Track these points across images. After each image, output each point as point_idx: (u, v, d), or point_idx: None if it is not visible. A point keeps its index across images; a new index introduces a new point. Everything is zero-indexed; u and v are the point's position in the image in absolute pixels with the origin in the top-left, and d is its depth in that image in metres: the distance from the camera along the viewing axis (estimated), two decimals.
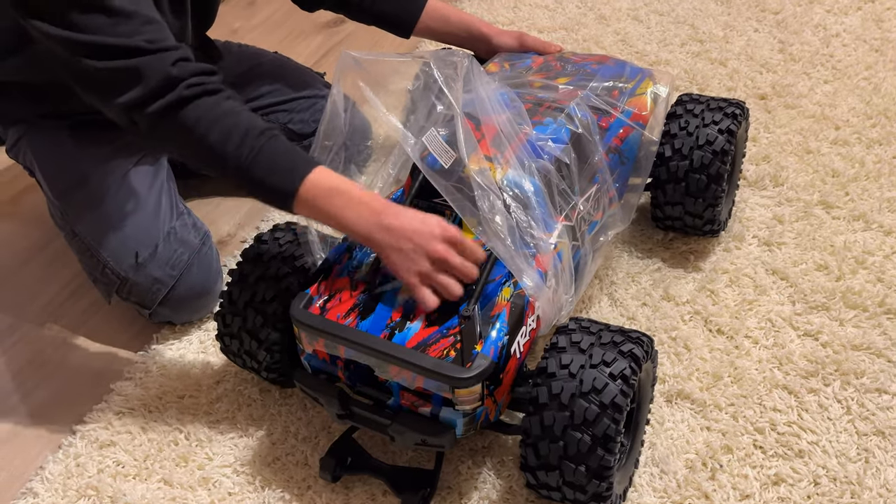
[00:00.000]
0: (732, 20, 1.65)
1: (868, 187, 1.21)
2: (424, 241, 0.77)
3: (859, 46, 1.54)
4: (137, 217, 1.06)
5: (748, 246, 1.13)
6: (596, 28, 1.67)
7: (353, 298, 0.81)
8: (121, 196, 1.07)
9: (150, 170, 1.11)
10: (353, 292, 0.82)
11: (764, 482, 0.85)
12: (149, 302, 1.04)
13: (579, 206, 0.89)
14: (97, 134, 1.10)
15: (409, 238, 0.77)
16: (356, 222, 0.79)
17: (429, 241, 0.77)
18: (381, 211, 0.79)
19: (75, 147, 1.09)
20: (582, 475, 0.74)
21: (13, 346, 1.09)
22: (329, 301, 0.81)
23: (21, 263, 1.23)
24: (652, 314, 1.04)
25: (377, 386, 0.81)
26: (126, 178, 1.08)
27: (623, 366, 0.75)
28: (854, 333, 0.99)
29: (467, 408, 0.76)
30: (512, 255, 0.78)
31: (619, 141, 0.99)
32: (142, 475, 0.91)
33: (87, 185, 1.07)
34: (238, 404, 0.97)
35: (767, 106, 1.40)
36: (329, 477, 0.85)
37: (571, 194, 0.88)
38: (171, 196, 1.10)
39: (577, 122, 0.92)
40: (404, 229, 0.78)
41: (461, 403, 0.76)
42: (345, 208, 0.79)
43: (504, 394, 0.79)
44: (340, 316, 0.79)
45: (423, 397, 0.78)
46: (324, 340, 0.80)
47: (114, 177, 1.08)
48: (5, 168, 1.39)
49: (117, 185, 1.07)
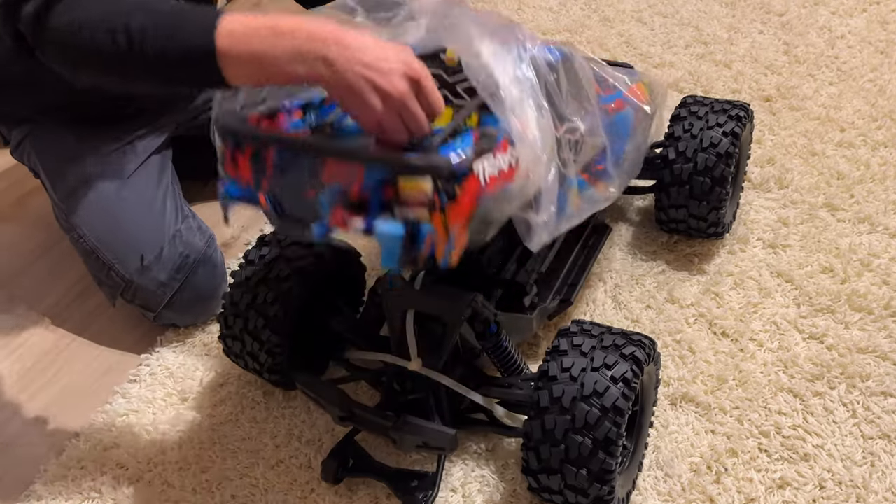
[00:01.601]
0: (737, 22, 1.65)
1: (873, 189, 1.20)
2: (381, 78, 0.64)
3: (864, 48, 1.53)
4: (142, 219, 1.06)
5: (753, 248, 1.13)
6: (600, 30, 1.66)
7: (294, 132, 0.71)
8: (126, 198, 1.07)
9: (156, 172, 1.11)
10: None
11: (769, 486, 0.85)
12: (154, 305, 1.04)
13: (564, 126, 0.81)
14: (102, 134, 1.10)
15: (361, 72, 0.64)
16: (292, 57, 0.64)
17: (387, 77, 0.65)
18: (326, 39, 0.65)
19: (80, 148, 1.09)
20: (584, 479, 0.74)
21: (18, 347, 1.09)
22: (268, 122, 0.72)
23: (26, 265, 1.23)
24: (656, 317, 1.04)
25: (303, 208, 0.68)
26: (131, 180, 1.08)
27: (624, 369, 0.75)
28: (859, 336, 0.99)
29: (410, 215, 0.63)
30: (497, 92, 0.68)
31: (612, 111, 0.95)
32: (145, 478, 0.91)
33: (91, 186, 1.07)
34: (241, 407, 0.97)
35: (772, 108, 1.39)
36: (331, 479, 0.85)
37: (558, 106, 0.80)
38: (176, 198, 1.10)
39: (571, 55, 0.86)
40: (356, 61, 0.64)
41: (403, 206, 0.63)
42: (275, 44, 0.65)
43: (458, 222, 0.65)
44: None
45: (358, 208, 0.65)
46: (251, 150, 0.69)
47: (119, 179, 1.08)
48: (10, 170, 1.40)
49: (122, 187, 1.08)
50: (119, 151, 1.10)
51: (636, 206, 1.22)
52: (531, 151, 0.71)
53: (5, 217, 1.33)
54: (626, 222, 1.19)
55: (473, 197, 0.67)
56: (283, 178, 0.69)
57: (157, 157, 1.14)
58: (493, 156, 0.69)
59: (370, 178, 0.64)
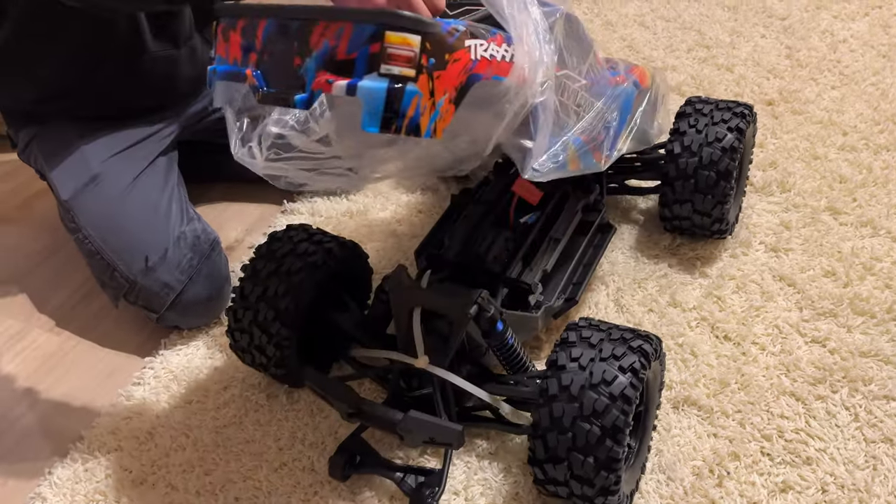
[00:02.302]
0: (739, 26, 1.65)
1: (876, 193, 1.21)
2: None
3: (867, 52, 1.53)
4: (148, 221, 1.06)
5: (755, 252, 1.13)
6: (602, 34, 1.67)
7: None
8: (131, 199, 1.07)
9: (161, 174, 1.12)
10: None
11: (771, 489, 0.85)
12: (157, 306, 1.05)
13: (563, 71, 0.81)
14: (108, 135, 1.11)
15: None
16: None
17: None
18: None
19: (86, 149, 1.10)
20: (590, 467, 0.74)
21: (23, 350, 1.10)
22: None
23: (31, 268, 1.23)
24: (658, 320, 1.04)
25: (288, 77, 0.66)
26: (137, 182, 1.09)
27: (633, 360, 0.75)
28: (862, 340, 0.99)
29: (395, 71, 0.61)
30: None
31: (614, 83, 0.95)
32: (149, 480, 0.91)
33: (97, 187, 1.08)
34: (245, 409, 0.98)
35: (774, 111, 1.40)
36: (339, 476, 0.85)
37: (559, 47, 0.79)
38: (181, 201, 1.11)
39: (575, 17, 0.86)
40: None
41: (389, 62, 0.62)
42: None
43: (445, 92, 0.64)
44: None
45: (343, 70, 0.63)
46: (242, 24, 0.68)
47: (124, 180, 1.09)
48: (16, 173, 1.40)
49: (128, 189, 1.08)
50: (125, 153, 1.11)
51: (639, 208, 1.23)
52: (528, 54, 0.70)
53: (11, 219, 1.34)
54: (629, 224, 1.20)
55: (463, 68, 0.65)
56: (272, 47, 0.67)
57: (164, 160, 1.14)
58: (487, 43, 0.67)
59: (358, 34, 0.62)
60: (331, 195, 1.30)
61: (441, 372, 0.83)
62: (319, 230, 0.96)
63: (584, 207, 1.07)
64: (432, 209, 1.26)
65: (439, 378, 0.83)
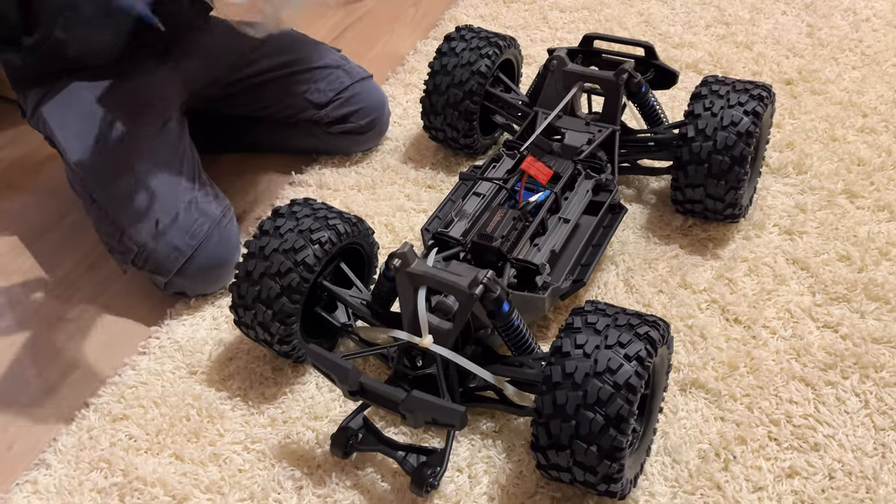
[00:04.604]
0: (760, 2, 1.61)
1: (894, 177, 1.18)
2: None
3: (889, 32, 1.50)
4: (159, 184, 1.05)
5: (769, 234, 1.11)
6: (619, 8, 1.64)
7: None
8: (142, 163, 1.06)
9: (173, 137, 1.11)
10: None
11: (778, 474, 0.84)
12: (165, 270, 1.04)
13: None
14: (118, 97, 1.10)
15: None
16: None
17: None
18: None
19: (95, 111, 1.09)
20: (593, 455, 0.73)
21: (29, 318, 1.10)
22: None
23: (38, 235, 1.23)
24: (668, 301, 1.03)
25: None
26: (148, 146, 1.08)
27: (639, 347, 0.74)
28: (875, 326, 0.98)
29: None
30: None
31: None
32: (153, 449, 0.91)
33: (107, 150, 1.07)
34: (250, 382, 0.97)
35: (793, 91, 1.37)
36: (340, 453, 0.85)
37: None
38: (193, 166, 1.10)
39: None
40: None
41: None
42: None
43: None
44: None
45: None
46: None
47: (136, 144, 1.08)
48: (23, 140, 1.40)
49: (139, 152, 1.07)
50: (135, 116, 1.09)
51: (651, 188, 1.21)
52: None
53: (19, 187, 1.33)
54: (640, 204, 1.18)
55: None
56: None
57: (175, 124, 1.13)
58: None
59: None
60: (339, 167, 1.29)
61: (445, 352, 0.82)
62: (324, 205, 0.95)
63: (595, 187, 1.05)
64: (441, 185, 1.25)
65: (443, 358, 0.82)
